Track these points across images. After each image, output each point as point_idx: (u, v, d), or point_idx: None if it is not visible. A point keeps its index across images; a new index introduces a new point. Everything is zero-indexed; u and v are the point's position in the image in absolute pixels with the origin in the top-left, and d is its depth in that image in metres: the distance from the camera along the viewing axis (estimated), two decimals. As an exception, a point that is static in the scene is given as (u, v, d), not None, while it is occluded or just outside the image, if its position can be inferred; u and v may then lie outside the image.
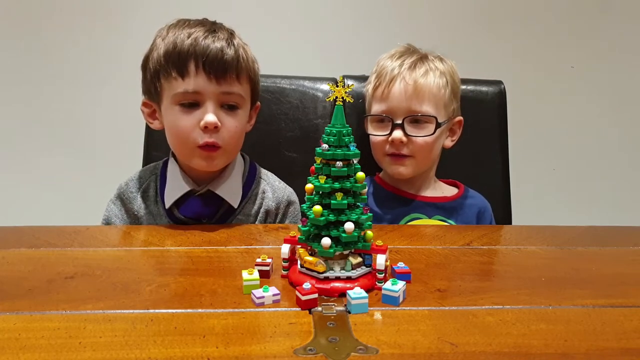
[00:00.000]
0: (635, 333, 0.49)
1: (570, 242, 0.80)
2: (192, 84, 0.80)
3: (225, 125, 0.83)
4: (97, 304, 0.52)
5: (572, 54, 1.75)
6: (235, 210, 0.90)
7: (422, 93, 0.96)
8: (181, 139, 0.83)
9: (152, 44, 0.86)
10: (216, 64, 0.80)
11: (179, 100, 0.82)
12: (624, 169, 1.85)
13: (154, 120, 0.90)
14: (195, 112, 0.82)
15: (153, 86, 0.85)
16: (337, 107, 0.58)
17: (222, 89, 0.82)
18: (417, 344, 0.45)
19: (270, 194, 0.94)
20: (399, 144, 0.96)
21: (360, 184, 0.57)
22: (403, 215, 1.01)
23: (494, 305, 0.54)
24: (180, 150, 0.86)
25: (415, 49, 1.05)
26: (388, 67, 0.99)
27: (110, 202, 0.94)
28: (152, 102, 0.88)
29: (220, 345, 0.44)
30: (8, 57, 1.60)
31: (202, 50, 0.80)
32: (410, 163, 0.99)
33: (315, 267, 0.56)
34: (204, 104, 0.82)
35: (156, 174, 0.93)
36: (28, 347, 0.44)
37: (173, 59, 0.81)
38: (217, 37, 0.82)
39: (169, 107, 0.83)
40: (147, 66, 0.86)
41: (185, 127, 0.82)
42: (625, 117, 1.81)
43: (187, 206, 0.87)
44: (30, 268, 0.63)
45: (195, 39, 0.81)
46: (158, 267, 0.67)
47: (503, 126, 1.21)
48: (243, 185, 0.92)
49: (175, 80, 0.81)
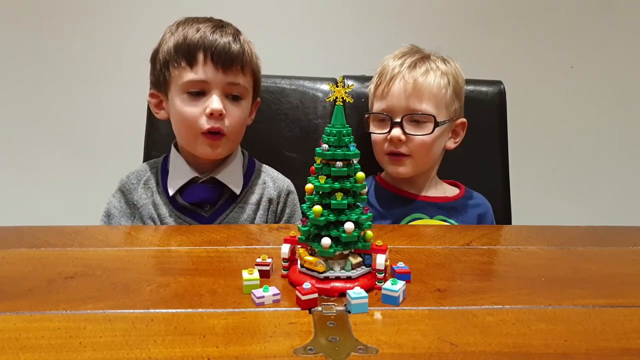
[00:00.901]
0: (635, 333, 0.49)
1: (570, 242, 0.80)
2: (200, 73, 0.86)
3: (229, 114, 0.88)
4: (97, 304, 0.52)
5: (572, 54, 1.75)
6: (237, 198, 0.94)
7: (422, 92, 0.96)
8: (187, 125, 0.88)
9: (161, 39, 0.91)
10: (223, 55, 0.86)
11: (186, 88, 0.87)
12: (624, 169, 1.85)
13: (160, 110, 0.95)
14: (202, 100, 0.87)
15: (162, 76, 0.90)
16: (337, 107, 0.58)
17: (228, 79, 0.87)
18: (417, 344, 0.45)
19: (271, 184, 0.99)
20: (397, 142, 0.96)
21: (360, 184, 0.57)
22: (404, 215, 1.01)
23: (494, 305, 0.54)
24: (186, 136, 0.90)
25: (418, 49, 1.05)
26: (389, 66, 1.00)
27: (111, 195, 0.96)
28: (159, 92, 0.93)
29: (220, 345, 0.44)
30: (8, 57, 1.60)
31: (210, 43, 0.86)
32: (409, 162, 0.99)
33: (315, 267, 0.56)
34: (210, 92, 0.87)
35: (157, 167, 0.97)
36: (28, 347, 0.44)
37: (183, 50, 0.86)
38: (224, 32, 0.88)
39: (176, 95, 0.88)
40: (157, 58, 0.91)
41: (192, 114, 0.87)
42: (625, 117, 1.81)
43: (190, 192, 0.92)
44: (30, 268, 0.63)
45: (204, 32, 0.87)
46: (158, 267, 0.67)
47: (503, 126, 1.21)
48: (243, 175, 0.96)
49: (184, 70, 0.86)
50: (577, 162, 1.82)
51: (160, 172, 0.96)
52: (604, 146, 1.82)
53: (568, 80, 1.77)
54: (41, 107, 1.64)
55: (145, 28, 1.59)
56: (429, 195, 1.04)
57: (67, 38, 1.60)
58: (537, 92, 1.75)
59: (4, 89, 1.62)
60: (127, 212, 0.94)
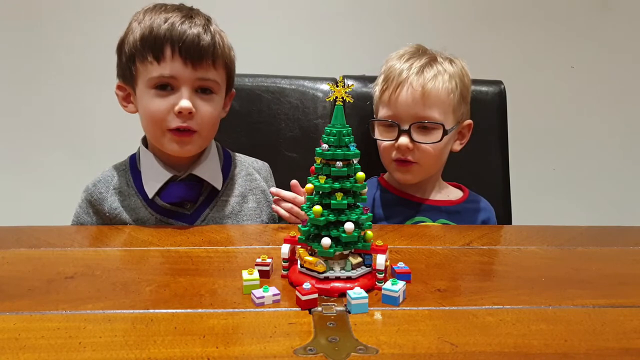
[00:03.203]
0: (635, 333, 0.49)
1: (570, 242, 0.80)
2: (167, 68, 0.81)
3: (199, 111, 0.83)
4: (97, 304, 0.52)
5: (572, 54, 1.75)
6: (218, 192, 0.92)
7: (430, 99, 0.93)
8: (154, 122, 0.83)
9: (127, 27, 0.86)
10: (192, 50, 0.81)
11: (154, 84, 0.82)
12: (624, 169, 1.85)
13: (128, 104, 0.90)
14: (170, 96, 0.82)
15: (128, 70, 0.85)
16: (337, 107, 0.58)
17: (198, 74, 0.82)
18: (417, 344, 0.45)
19: (257, 175, 0.97)
20: (405, 150, 0.95)
21: (360, 184, 0.57)
22: (408, 218, 1.00)
23: (494, 305, 0.54)
24: (153, 133, 0.86)
25: (425, 49, 1.02)
26: (396, 70, 0.97)
27: (78, 206, 0.92)
28: (126, 85, 0.88)
29: (220, 345, 0.44)
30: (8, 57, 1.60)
31: (178, 36, 0.80)
32: (416, 170, 0.97)
33: (315, 267, 0.56)
34: (179, 89, 0.82)
35: (125, 169, 0.93)
36: (28, 347, 0.44)
37: (149, 43, 0.81)
38: (194, 22, 0.82)
39: (144, 90, 0.83)
40: (123, 49, 0.85)
41: (160, 111, 0.82)
42: (625, 117, 1.81)
43: (169, 192, 0.87)
44: (30, 268, 0.63)
45: (172, 24, 0.81)
46: (158, 267, 0.67)
47: (503, 126, 1.21)
48: (222, 168, 0.93)
49: (150, 65, 0.81)
50: (577, 162, 1.82)
51: (131, 174, 0.91)
52: (604, 146, 1.82)
53: (568, 80, 1.77)
54: (41, 107, 1.64)
55: (145, 28, 1.59)
56: (433, 199, 1.03)
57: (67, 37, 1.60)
58: (537, 92, 1.75)
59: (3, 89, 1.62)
60: (98, 223, 0.90)
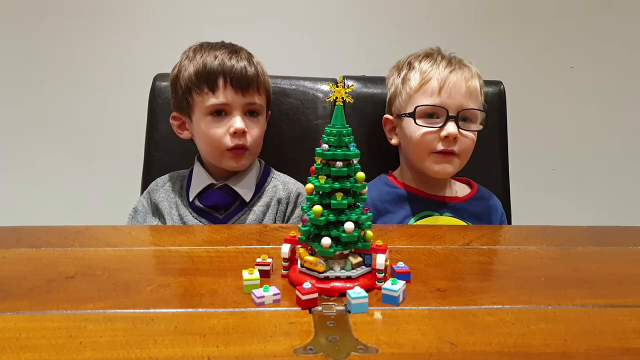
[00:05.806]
0: (635, 333, 0.49)
1: (570, 242, 0.80)
2: (221, 97, 0.94)
3: (250, 130, 0.97)
4: (98, 304, 0.53)
5: (572, 54, 1.75)
6: (248, 203, 1.00)
7: (470, 92, 0.99)
8: (214, 144, 0.96)
9: (179, 65, 0.99)
10: (241, 80, 0.95)
11: (210, 111, 0.95)
12: (623, 169, 1.85)
13: (184, 131, 1.03)
14: (225, 120, 0.96)
15: (185, 101, 0.98)
16: (337, 107, 0.58)
17: (247, 100, 0.96)
18: (417, 344, 0.45)
19: (281, 186, 1.05)
20: (452, 140, 0.96)
21: (360, 184, 0.57)
22: (414, 213, 1.01)
23: (493, 305, 0.54)
24: (213, 154, 0.99)
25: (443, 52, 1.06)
26: (437, 64, 1.00)
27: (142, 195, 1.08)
28: (182, 115, 1.01)
29: (220, 344, 0.45)
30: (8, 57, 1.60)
31: (229, 69, 0.95)
32: (456, 161, 0.99)
33: (315, 266, 0.57)
34: (232, 113, 0.96)
35: (184, 176, 1.07)
36: (28, 346, 0.44)
37: (204, 77, 0.95)
38: (239, 57, 0.97)
39: (201, 118, 0.96)
40: (178, 84, 0.98)
41: (218, 134, 0.96)
42: (624, 117, 1.81)
43: (206, 197, 1.00)
44: (31, 268, 0.63)
45: (222, 59, 0.95)
46: (158, 266, 0.67)
47: (503, 126, 1.21)
48: (257, 183, 1.03)
49: (206, 95, 0.95)
50: (577, 162, 1.82)
51: (187, 180, 1.05)
52: (603, 146, 1.82)
53: (568, 80, 1.77)
54: (41, 107, 1.64)
55: (146, 29, 1.60)
56: (440, 195, 1.05)
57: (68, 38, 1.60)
58: (537, 92, 1.75)
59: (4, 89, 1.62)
60: (149, 210, 1.03)
